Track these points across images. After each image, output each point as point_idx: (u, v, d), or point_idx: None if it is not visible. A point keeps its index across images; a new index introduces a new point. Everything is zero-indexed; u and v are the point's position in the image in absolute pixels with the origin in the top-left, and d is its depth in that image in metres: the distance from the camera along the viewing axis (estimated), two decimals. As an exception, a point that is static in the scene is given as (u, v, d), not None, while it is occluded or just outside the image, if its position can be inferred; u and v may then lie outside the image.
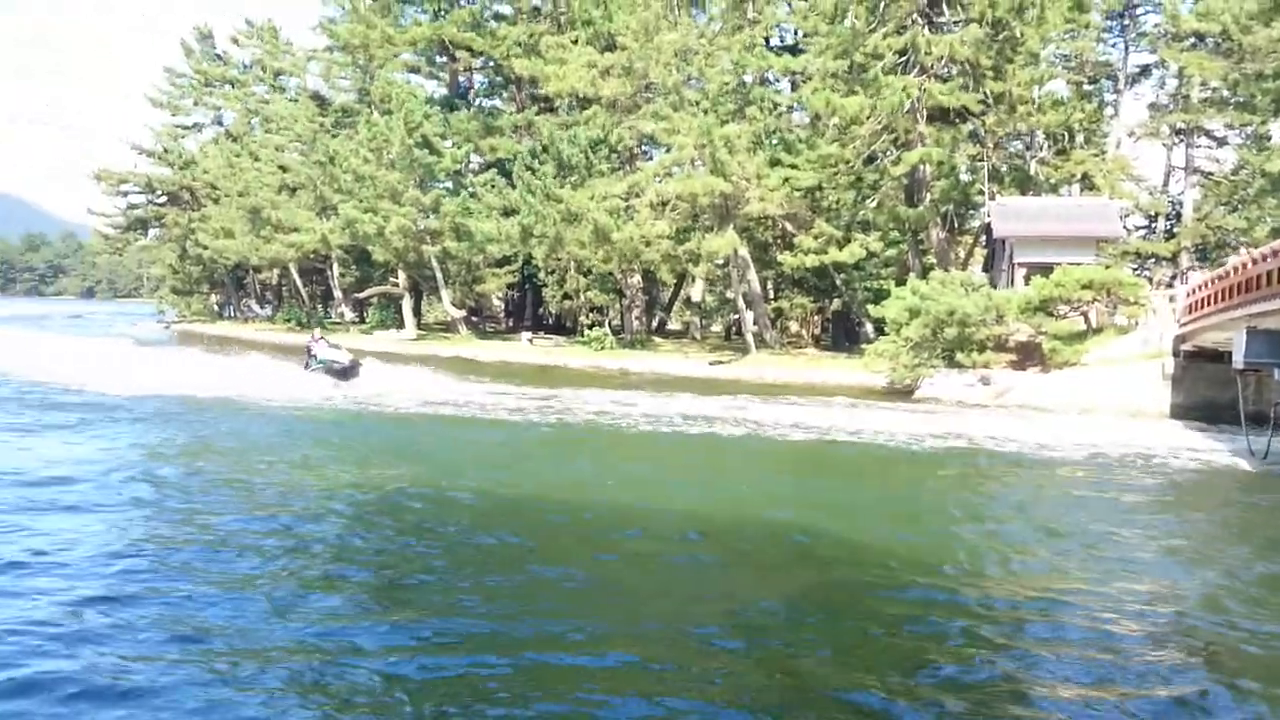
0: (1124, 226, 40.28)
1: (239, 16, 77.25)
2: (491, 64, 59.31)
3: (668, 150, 45.67)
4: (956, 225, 43.21)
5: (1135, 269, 43.86)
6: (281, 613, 8.48)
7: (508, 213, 50.91)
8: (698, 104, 42.51)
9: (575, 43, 49.04)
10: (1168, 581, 10.49)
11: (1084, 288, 30.55)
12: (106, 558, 9.92)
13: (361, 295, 65.01)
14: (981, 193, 41.02)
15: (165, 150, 76.96)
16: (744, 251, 42.50)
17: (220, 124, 77.84)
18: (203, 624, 8.23)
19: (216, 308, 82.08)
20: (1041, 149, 42.12)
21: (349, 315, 66.48)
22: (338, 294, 68.02)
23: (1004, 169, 42.54)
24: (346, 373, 27.38)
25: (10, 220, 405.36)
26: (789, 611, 9.20)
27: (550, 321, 59.09)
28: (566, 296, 53.05)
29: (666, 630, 8.56)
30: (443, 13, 58.65)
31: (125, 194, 79.85)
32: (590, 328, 50.13)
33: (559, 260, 49.92)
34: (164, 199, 79.09)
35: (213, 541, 10.86)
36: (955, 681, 7.56)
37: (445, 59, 61.34)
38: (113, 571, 9.45)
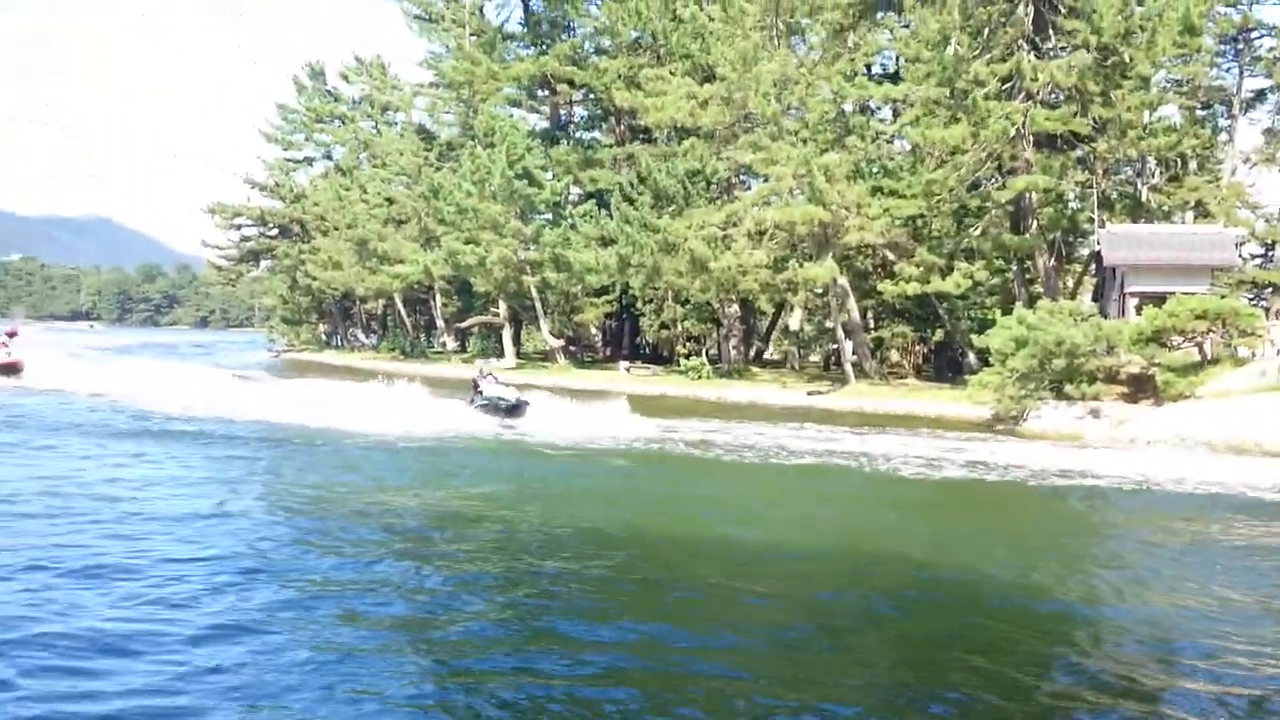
0: (1239, 255, 38.83)
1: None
2: (592, 97, 60.06)
3: (765, 180, 45.61)
4: (1065, 253, 42.21)
5: (1251, 299, 42.16)
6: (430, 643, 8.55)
7: (606, 243, 51.39)
8: (796, 133, 42.39)
9: (674, 74, 49.42)
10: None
11: (1198, 318, 29.50)
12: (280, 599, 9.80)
13: (463, 325, 66.18)
14: (1091, 220, 40.04)
15: (277, 184, 79.75)
16: (843, 280, 42.14)
17: (330, 158, 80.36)
18: (334, 642, 8.36)
19: (324, 337, 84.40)
20: (1153, 175, 40.94)
21: (451, 344, 67.68)
22: (440, 323, 69.34)
23: (1114, 196, 41.47)
24: (513, 411, 26.38)
25: (127, 252, 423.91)
26: (913, 650, 8.97)
27: (647, 351, 59.34)
28: (664, 326, 53.23)
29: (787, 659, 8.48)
30: (545, 48, 59.77)
31: (239, 227, 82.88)
32: (687, 357, 50.15)
33: (656, 290, 50.17)
34: (275, 231, 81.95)
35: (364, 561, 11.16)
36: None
37: (546, 93, 62.40)
38: (275, 613, 9.22)
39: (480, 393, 26.85)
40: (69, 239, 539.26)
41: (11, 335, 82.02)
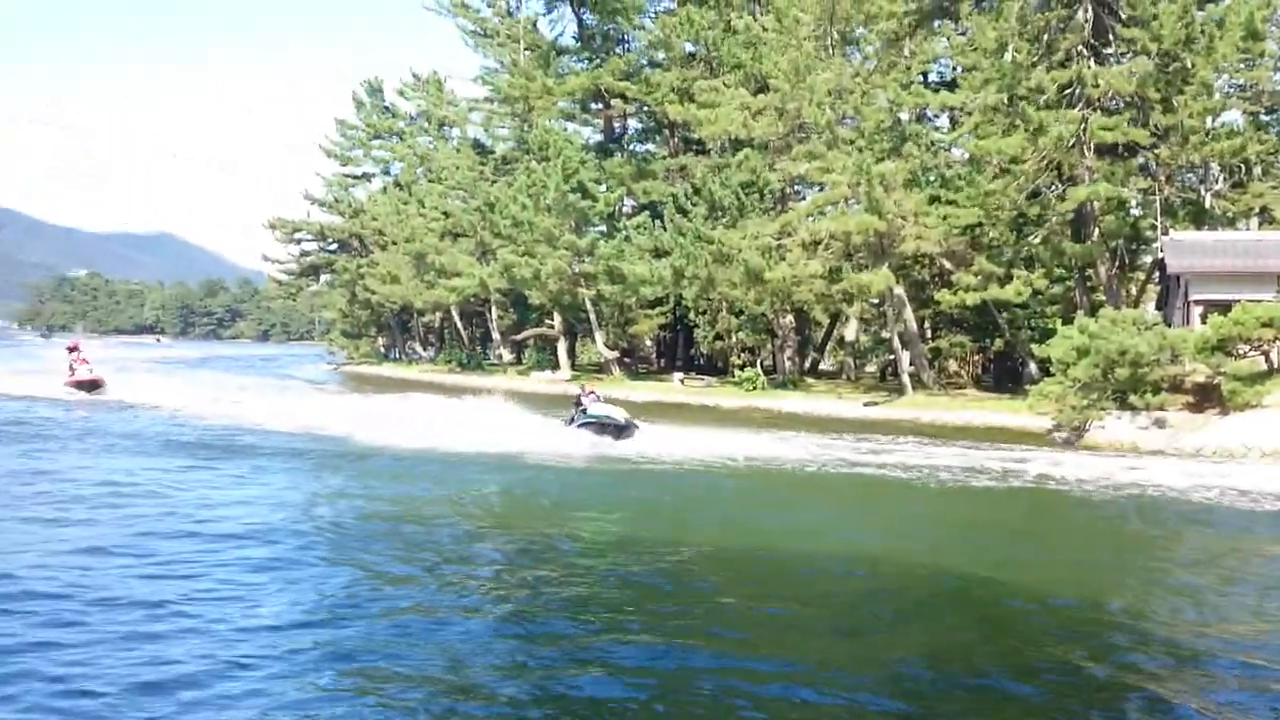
0: (1309, 261, 37.99)
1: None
2: (645, 109, 60.27)
3: (820, 189, 45.50)
4: (1127, 261, 41.60)
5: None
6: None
7: (659, 254, 51.53)
8: (852, 142, 42.24)
9: (728, 86, 49.50)
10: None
11: (1264, 325, 28.83)
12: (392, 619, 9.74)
13: (519, 337, 66.66)
14: (1153, 227, 39.39)
15: (336, 199, 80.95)
16: (900, 290, 41.89)
17: (388, 173, 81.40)
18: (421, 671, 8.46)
19: (383, 350, 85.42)
20: (1217, 181, 40.19)
21: (507, 357, 68.22)
22: (496, 336, 69.91)
23: (1177, 202, 40.78)
24: (621, 431, 24.89)
25: (190, 267, 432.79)
26: (975, 666, 8.92)
27: (701, 362, 59.34)
28: (718, 337, 53.24)
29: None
30: (599, 62, 60.17)
31: (299, 241, 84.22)
32: (741, 368, 50.10)
33: (710, 301, 50.20)
34: (335, 246, 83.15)
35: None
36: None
37: (600, 106, 62.77)
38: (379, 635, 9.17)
39: (583, 411, 25.51)
40: (133, 255, 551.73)
41: (73, 350, 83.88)
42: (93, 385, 36.75)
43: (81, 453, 21.01)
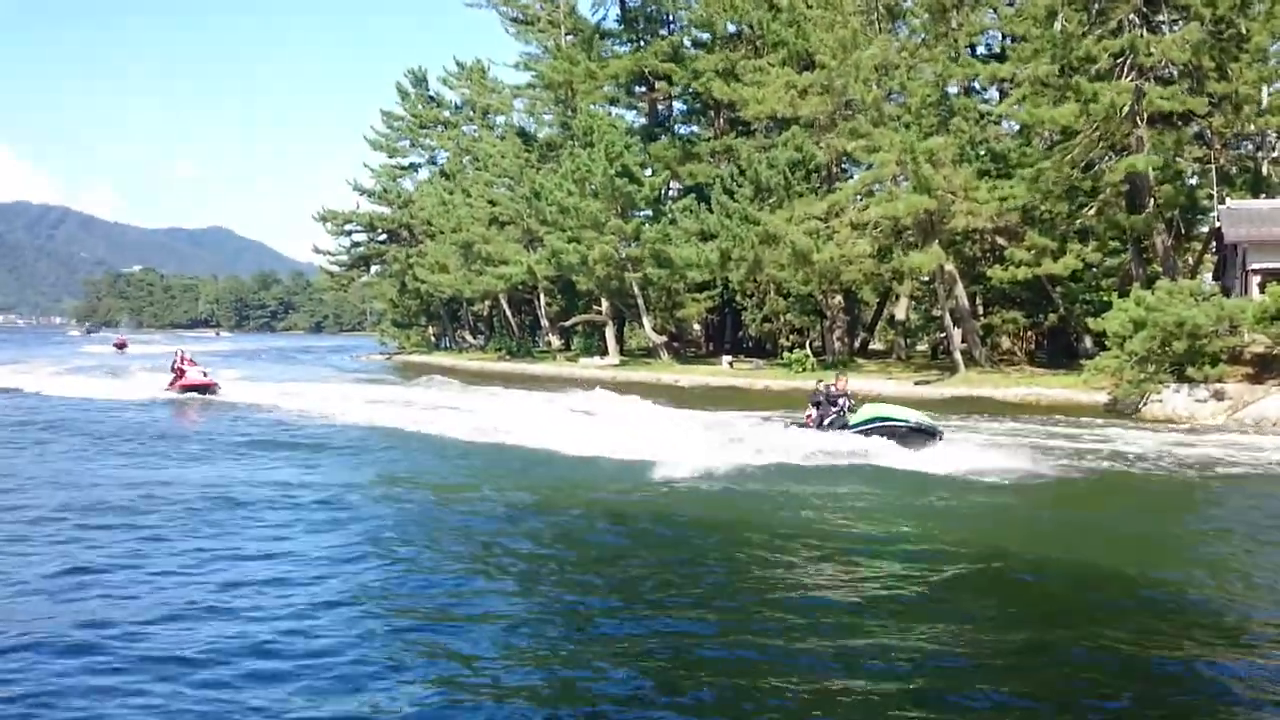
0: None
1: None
2: (689, 91, 60.04)
3: (868, 168, 45.12)
4: (1183, 231, 40.86)
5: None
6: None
7: (706, 238, 51.45)
8: (899, 118, 41.82)
9: (772, 65, 49.20)
10: None
11: (1326, 294, 28.31)
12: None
13: (567, 324, 66.92)
14: (1210, 197, 38.63)
15: (385, 190, 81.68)
16: (950, 267, 41.46)
17: (435, 163, 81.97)
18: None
19: (433, 339, 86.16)
20: (1274, 149, 39.32)
21: (555, 343, 68.54)
22: (545, 323, 70.25)
23: (1233, 171, 39.98)
24: (927, 438, 19.02)
25: (242, 260, 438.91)
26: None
27: (749, 344, 59.20)
28: (766, 319, 53.07)
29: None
30: (642, 44, 60.03)
31: (349, 233, 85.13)
32: (790, 350, 49.91)
33: (757, 283, 50.04)
34: (384, 237, 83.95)
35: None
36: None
37: (644, 89, 62.65)
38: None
39: (840, 410, 20.36)
40: (186, 249, 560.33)
41: (121, 347, 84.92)
42: (205, 389, 33.81)
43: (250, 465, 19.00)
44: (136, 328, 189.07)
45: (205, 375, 34.80)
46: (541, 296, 68.05)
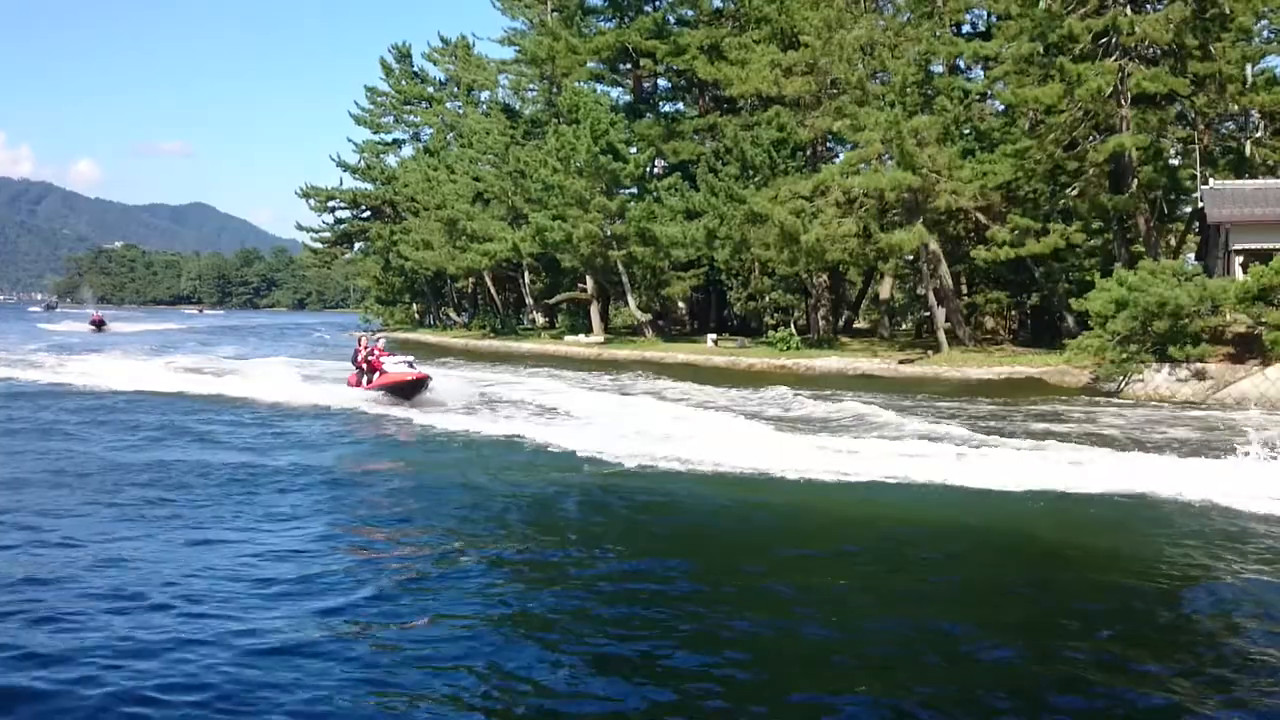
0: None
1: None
2: (674, 68, 59.74)
3: (853, 147, 45.07)
4: (1166, 212, 40.99)
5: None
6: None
7: (691, 216, 51.36)
8: (883, 97, 41.78)
9: (756, 42, 49.01)
10: None
11: (1308, 274, 28.46)
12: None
13: (551, 301, 66.79)
14: (1193, 177, 38.75)
15: (368, 166, 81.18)
16: (934, 246, 41.53)
17: (419, 139, 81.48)
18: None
19: (417, 316, 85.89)
20: (1257, 129, 39.43)
21: (540, 321, 68.43)
22: (529, 300, 70.12)
23: (1217, 151, 40.08)
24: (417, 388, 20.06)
25: (224, 237, 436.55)
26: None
27: (734, 323, 59.23)
28: (751, 298, 53.06)
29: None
30: (626, 20, 59.68)
31: (333, 210, 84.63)
32: (775, 328, 49.96)
33: (742, 262, 50.01)
34: (368, 213, 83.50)
35: None
36: None
37: (628, 66, 62.32)
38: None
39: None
40: (167, 225, 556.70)
41: (99, 324, 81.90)
42: (415, 387, 24.86)
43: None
44: (99, 303, 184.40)
45: (414, 368, 25.27)
46: (526, 274, 67.89)
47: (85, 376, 32.00)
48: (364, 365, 25.90)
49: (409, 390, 24.63)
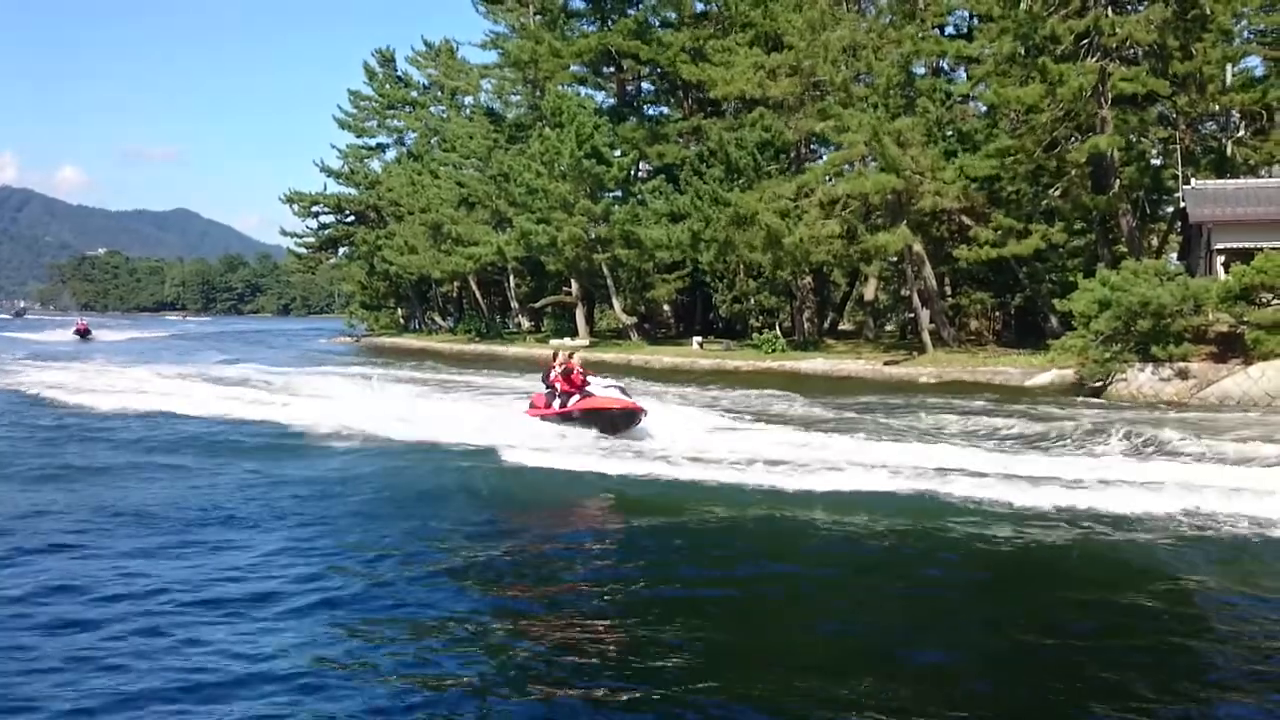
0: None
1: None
2: (658, 71, 59.66)
3: (837, 148, 45.12)
4: (1148, 212, 41.17)
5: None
6: None
7: (676, 218, 51.33)
8: (867, 99, 41.84)
9: (740, 45, 49.01)
10: None
11: (1289, 274, 28.56)
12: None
13: (536, 305, 66.66)
14: (1175, 177, 38.93)
15: (352, 171, 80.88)
16: (918, 247, 41.60)
17: (403, 144, 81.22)
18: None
19: (402, 321, 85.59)
20: (1238, 129, 39.64)
21: (525, 325, 68.27)
22: (514, 304, 69.97)
23: (1198, 151, 40.27)
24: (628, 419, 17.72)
25: (208, 243, 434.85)
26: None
27: (720, 326, 59.20)
28: (736, 300, 53.03)
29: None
30: (609, 23, 59.60)
31: (316, 215, 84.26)
32: (760, 330, 49.96)
33: (727, 264, 50.00)
34: (352, 218, 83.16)
35: None
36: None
37: (612, 69, 62.23)
38: None
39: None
40: (151, 232, 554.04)
41: (84, 333, 79.28)
42: (627, 418, 19.78)
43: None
44: (82, 310, 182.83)
45: (625, 394, 20.30)
46: (511, 278, 67.71)
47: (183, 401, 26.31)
48: (557, 385, 20.44)
49: (619, 422, 19.76)
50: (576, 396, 20.02)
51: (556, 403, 20.35)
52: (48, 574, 10.31)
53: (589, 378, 20.32)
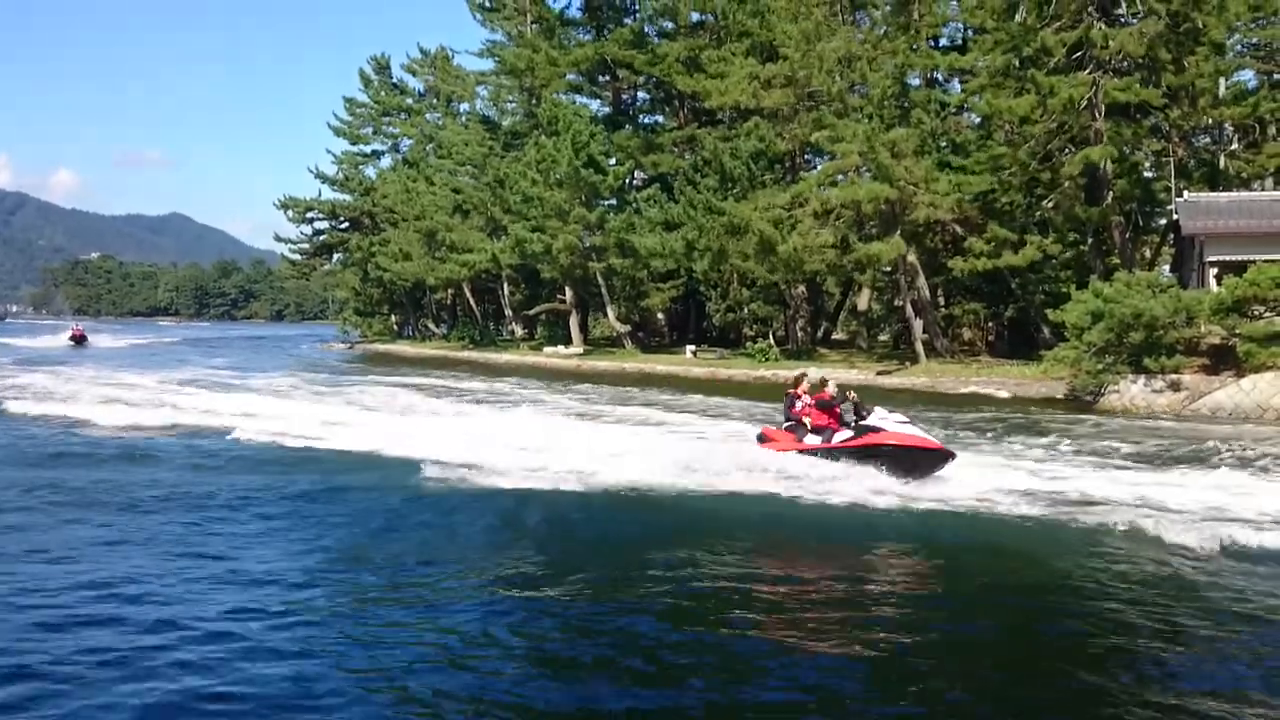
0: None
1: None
2: (653, 80, 59.76)
3: (831, 158, 45.25)
4: (1141, 224, 41.30)
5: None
6: None
7: (670, 227, 51.42)
8: (861, 110, 41.98)
9: (735, 55, 49.15)
10: None
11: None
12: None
13: (530, 313, 66.70)
14: (1167, 189, 39.11)
15: (347, 178, 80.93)
16: (912, 258, 41.71)
17: (398, 150, 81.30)
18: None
19: (396, 327, 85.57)
20: (1231, 142, 39.84)
21: (519, 332, 68.29)
22: (508, 312, 69.99)
23: (1191, 164, 40.45)
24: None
25: (202, 248, 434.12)
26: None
27: (713, 334, 59.26)
28: (730, 309, 53.12)
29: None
30: (605, 32, 59.74)
31: (311, 221, 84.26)
32: (754, 339, 50.01)
33: (721, 273, 50.09)
34: (346, 225, 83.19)
35: None
36: None
37: (607, 78, 62.37)
38: None
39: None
40: (145, 236, 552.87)
41: (79, 339, 76.32)
42: (932, 459, 15.28)
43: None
44: (75, 314, 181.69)
45: (910, 428, 15.66)
46: (505, 285, 67.76)
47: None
48: (806, 418, 16.22)
49: (922, 463, 15.19)
50: (847, 433, 15.80)
51: (812, 438, 16.02)
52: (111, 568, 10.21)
53: (872, 408, 16.24)
